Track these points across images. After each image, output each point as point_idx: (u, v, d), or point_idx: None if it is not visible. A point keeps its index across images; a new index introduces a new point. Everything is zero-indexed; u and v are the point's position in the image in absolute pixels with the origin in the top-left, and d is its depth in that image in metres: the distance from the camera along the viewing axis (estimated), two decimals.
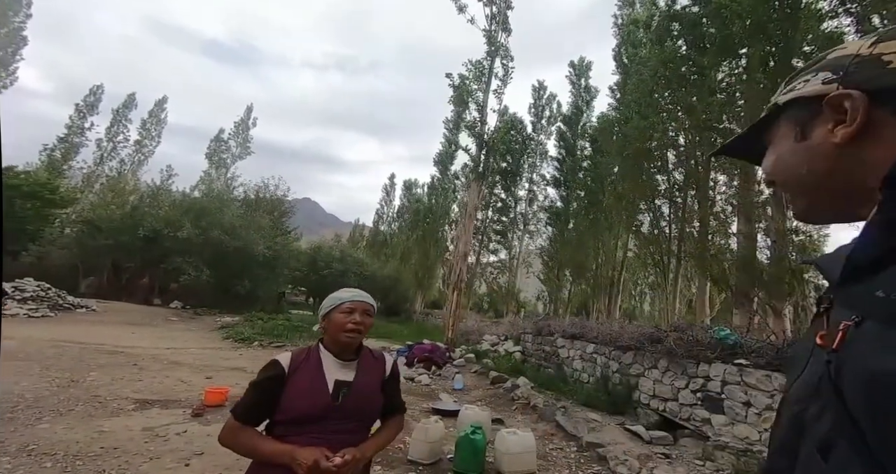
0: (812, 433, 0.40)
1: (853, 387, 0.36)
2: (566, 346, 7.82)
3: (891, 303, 0.35)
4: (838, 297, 0.43)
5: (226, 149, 33.67)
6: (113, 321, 10.70)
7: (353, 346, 1.38)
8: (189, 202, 19.55)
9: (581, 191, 18.97)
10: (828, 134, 0.44)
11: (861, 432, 0.34)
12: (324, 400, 1.26)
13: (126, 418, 4.13)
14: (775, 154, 0.50)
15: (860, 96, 0.41)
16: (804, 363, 0.46)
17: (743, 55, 8.89)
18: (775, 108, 0.50)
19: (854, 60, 0.43)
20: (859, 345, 0.36)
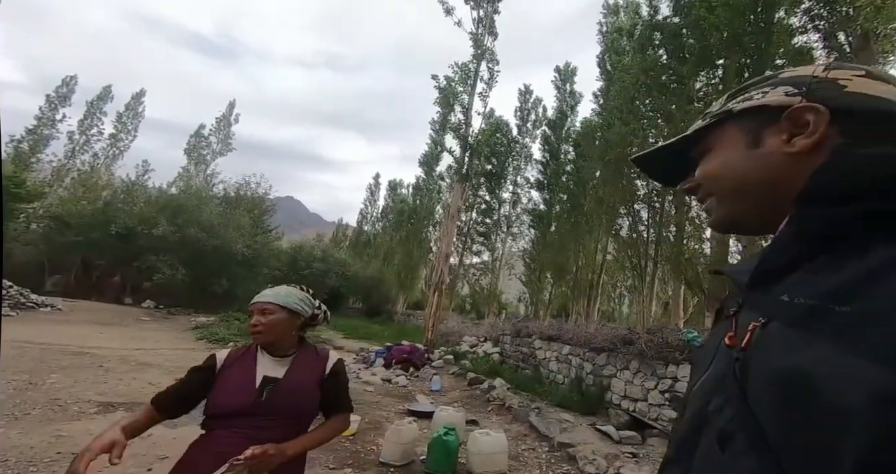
0: (713, 425, 0.42)
1: (756, 383, 0.38)
2: (543, 348, 7.90)
3: (793, 307, 0.38)
4: (747, 301, 0.46)
5: (206, 145, 32.89)
6: (80, 320, 10.30)
7: (267, 345, 1.37)
8: (165, 199, 19.02)
9: (564, 195, 19.22)
10: (782, 144, 0.46)
11: (758, 425, 0.37)
12: (248, 395, 1.27)
13: (87, 422, 3.99)
14: (721, 159, 0.51)
15: (825, 111, 0.44)
16: (709, 361, 0.49)
17: (720, 66, 9.18)
18: (726, 116, 0.51)
19: (814, 79, 0.46)
20: (764, 345, 0.39)
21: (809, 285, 0.38)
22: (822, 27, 7.83)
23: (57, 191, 24.02)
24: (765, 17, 7.98)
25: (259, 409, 1.26)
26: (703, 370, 0.50)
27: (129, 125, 31.13)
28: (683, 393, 0.62)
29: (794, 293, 0.39)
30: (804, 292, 0.38)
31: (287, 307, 1.40)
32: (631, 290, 18.23)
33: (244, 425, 1.23)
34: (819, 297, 0.36)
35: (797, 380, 0.34)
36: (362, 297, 27.27)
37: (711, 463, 0.41)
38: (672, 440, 0.51)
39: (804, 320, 0.36)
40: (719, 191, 0.52)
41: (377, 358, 9.17)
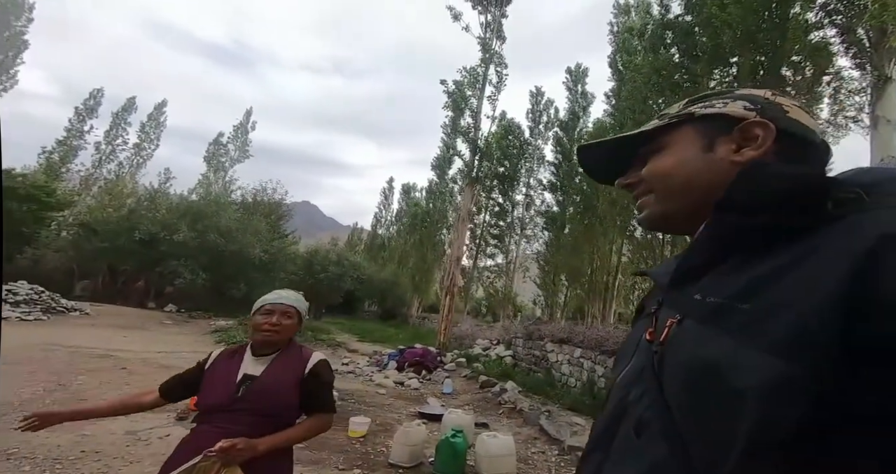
0: (631, 414, 0.46)
1: (670, 374, 0.42)
2: (555, 351, 7.86)
3: (704, 305, 0.42)
4: (666, 300, 0.50)
5: (224, 153, 33.73)
6: (105, 324, 10.71)
7: (270, 345, 1.44)
8: (186, 205, 19.61)
9: (577, 197, 19.03)
10: (730, 152, 0.50)
11: (670, 414, 0.40)
12: (226, 391, 1.35)
13: (110, 422, 4.14)
14: (675, 157, 0.54)
15: (773, 128, 0.48)
16: (630, 356, 0.53)
17: (734, 64, 9.00)
18: (688, 118, 0.54)
19: (765, 100, 0.50)
20: (678, 340, 0.43)
21: (718, 285, 0.42)
22: (840, 22, 7.61)
23: (85, 199, 24.99)
24: (779, 13, 7.80)
25: (235, 405, 1.32)
26: (625, 363, 0.54)
27: (152, 134, 32.20)
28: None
29: (705, 292, 0.43)
30: (714, 291, 0.42)
31: (301, 313, 1.50)
32: None
33: (222, 420, 1.30)
34: (725, 296, 0.40)
35: (704, 371, 0.38)
36: (377, 301, 27.49)
37: (628, 450, 0.45)
38: (594, 429, 0.54)
39: (713, 317, 0.40)
40: (665, 187, 0.54)
41: (390, 361, 9.26)
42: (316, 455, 3.88)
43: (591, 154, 0.65)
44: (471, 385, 8.00)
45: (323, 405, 1.48)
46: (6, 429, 3.63)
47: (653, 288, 0.62)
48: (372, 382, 7.70)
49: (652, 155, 0.56)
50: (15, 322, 10.01)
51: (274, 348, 1.45)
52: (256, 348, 1.43)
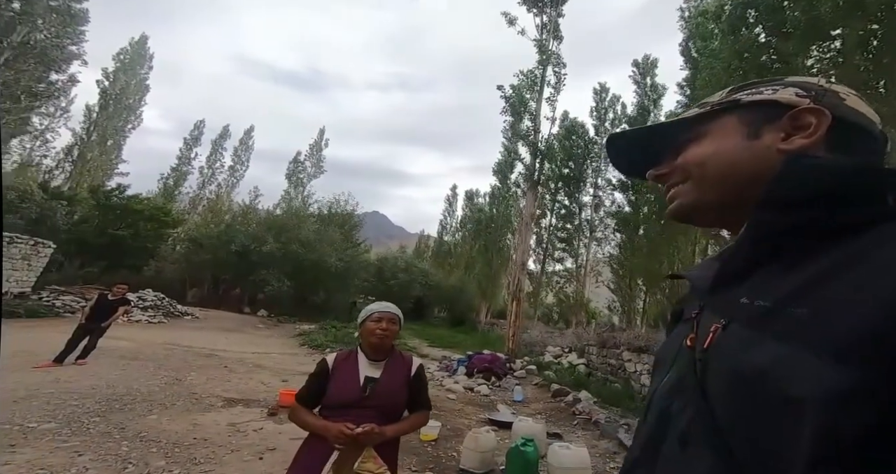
0: (675, 425, 0.44)
1: (716, 383, 0.40)
2: (633, 360, 7.37)
3: (752, 309, 0.40)
4: (708, 305, 0.48)
5: (302, 170, 36.71)
6: (211, 327, 12.20)
7: (383, 348, 1.67)
8: (272, 219, 21.68)
9: (651, 195, 17.75)
10: (778, 140, 0.47)
11: (716, 424, 0.38)
12: (355, 391, 1.59)
13: (215, 414, 4.72)
14: (717, 146, 0.51)
15: (829, 115, 0.45)
16: (669, 365, 0.51)
17: (836, 36, 7.85)
18: (732, 105, 0.51)
19: (820, 87, 0.48)
20: (724, 346, 0.41)
21: (768, 287, 0.40)
22: None
23: (193, 217, 28.77)
24: None
25: (363, 402, 1.57)
26: (664, 372, 0.51)
27: (243, 157, 36.16)
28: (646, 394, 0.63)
29: (752, 295, 0.40)
30: (763, 294, 0.39)
31: (401, 320, 1.75)
32: None
33: (351, 414, 1.54)
34: (775, 299, 0.38)
35: (755, 379, 0.35)
36: (446, 306, 27.89)
37: (673, 462, 0.43)
38: (636, 442, 0.52)
39: (762, 321, 0.38)
40: (701, 175, 0.52)
41: (459, 367, 9.34)
42: None
43: (621, 145, 0.62)
44: (542, 393, 7.78)
45: (425, 402, 1.75)
46: (139, 415, 4.32)
47: (689, 291, 0.58)
48: (442, 387, 7.83)
49: (690, 143, 0.53)
50: (144, 324, 11.80)
51: (385, 352, 1.69)
52: (371, 353, 1.67)
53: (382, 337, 1.64)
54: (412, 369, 1.72)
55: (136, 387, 5.28)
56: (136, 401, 4.74)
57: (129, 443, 3.55)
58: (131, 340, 8.55)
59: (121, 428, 3.84)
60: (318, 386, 1.62)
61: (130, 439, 3.64)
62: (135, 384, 5.42)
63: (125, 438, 3.64)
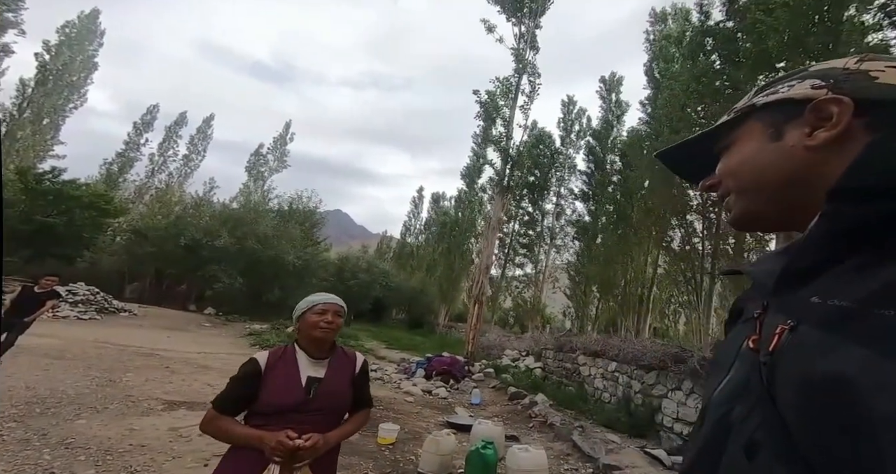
0: (738, 433, 0.40)
1: (786, 388, 0.36)
2: (587, 364, 7.61)
3: (827, 309, 0.36)
4: (773, 303, 0.44)
5: (264, 163, 35.23)
6: (151, 325, 11.34)
7: (326, 344, 1.51)
8: (227, 213, 20.58)
9: (610, 206, 18.58)
10: (803, 137, 0.44)
11: (788, 433, 0.35)
12: (297, 394, 1.40)
13: (155, 418, 4.37)
14: (742, 153, 0.50)
15: (849, 102, 0.42)
16: (728, 367, 0.47)
17: (780, 69, 8.61)
18: (750, 110, 0.50)
19: (843, 72, 0.45)
20: (794, 348, 0.37)
21: (844, 286, 0.36)
22: None
23: (138, 207, 26.75)
24: (831, 16, 7.42)
25: (306, 406, 1.39)
26: (722, 375, 0.48)
27: (200, 146, 34.16)
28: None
29: (826, 294, 0.37)
30: (838, 294, 0.36)
31: (345, 312, 1.59)
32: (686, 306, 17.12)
33: (292, 420, 1.36)
34: (857, 300, 0.34)
35: (835, 386, 0.32)
36: (405, 308, 27.66)
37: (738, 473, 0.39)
38: (692, 449, 0.48)
39: (840, 323, 0.34)
40: (737, 185, 0.50)
41: (418, 369, 9.26)
42: (346, 460, 3.91)
43: (674, 157, 0.62)
44: (499, 396, 7.86)
45: (368, 400, 1.64)
46: (65, 420, 3.90)
47: (749, 288, 0.55)
48: (400, 390, 7.71)
49: (723, 153, 0.53)
50: (73, 320, 10.76)
51: (328, 349, 1.53)
52: (312, 350, 1.49)
53: (327, 331, 1.46)
54: (357, 366, 1.58)
55: (62, 389, 4.79)
56: (62, 405, 4.29)
57: (52, 451, 3.19)
58: (57, 337, 7.76)
59: (42, 435, 3.46)
60: (246, 391, 1.40)
61: (53, 446, 3.28)
62: (60, 385, 4.91)
63: (47, 446, 3.28)
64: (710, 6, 10.53)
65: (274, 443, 1.27)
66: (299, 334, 1.53)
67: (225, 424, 1.38)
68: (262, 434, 1.31)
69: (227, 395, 1.42)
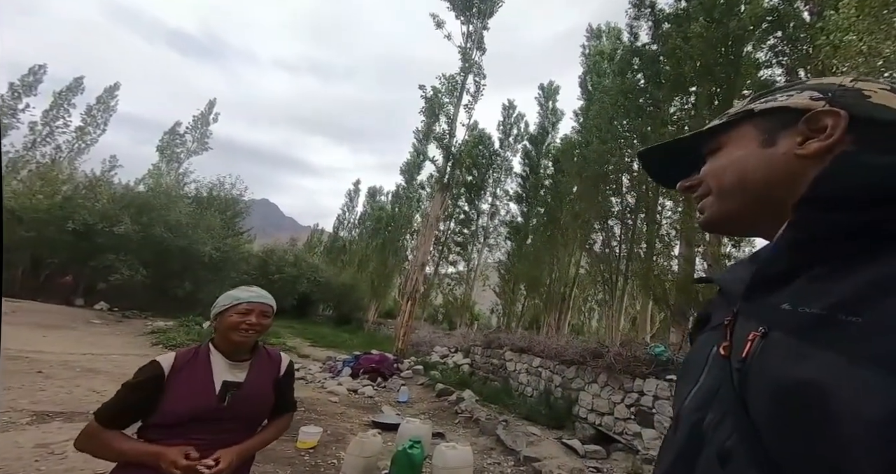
0: (712, 440, 0.41)
1: (758, 395, 0.37)
2: (514, 360, 7.87)
3: (797, 316, 0.37)
4: (743, 311, 0.45)
5: (181, 143, 31.73)
6: (21, 322, 9.55)
7: (246, 347, 1.33)
8: (131, 196, 18.12)
9: (541, 208, 19.51)
10: (794, 145, 0.45)
11: (759, 438, 0.35)
12: (209, 401, 1.22)
13: (17, 433, 3.65)
14: (732, 156, 0.51)
15: (845, 116, 0.43)
16: (698, 375, 0.48)
17: (693, 92, 9.61)
18: (747, 115, 0.51)
19: (840, 87, 0.46)
20: (766, 355, 0.38)
21: (814, 293, 0.37)
22: (785, 63, 8.34)
23: (10, 183, 22.56)
24: (734, 50, 8.44)
25: (221, 415, 1.22)
26: (692, 383, 0.48)
27: (99, 119, 29.75)
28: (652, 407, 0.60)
29: (796, 302, 0.38)
30: (808, 301, 0.37)
31: (273, 311, 1.39)
32: (601, 305, 18.56)
33: (201, 431, 1.18)
34: (827, 307, 0.35)
35: (807, 392, 0.32)
36: (333, 304, 26.65)
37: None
38: (667, 457, 0.48)
39: (811, 330, 0.35)
40: (720, 187, 0.52)
41: (344, 368, 8.91)
42: (260, 468, 3.58)
43: (655, 158, 0.63)
44: (427, 393, 7.83)
45: (292, 405, 1.51)
46: None
47: (716, 296, 0.57)
48: (324, 390, 7.34)
49: (711, 155, 0.54)
50: None
51: (247, 350, 1.36)
52: (231, 352, 1.31)
53: (248, 335, 1.28)
54: (281, 368, 1.42)
55: None
56: None
57: None
58: None
59: None
60: (143, 399, 1.18)
61: None
62: None
63: None
64: (638, 29, 11.44)
65: (170, 460, 1.09)
66: (216, 333, 1.32)
67: (109, 439, 1.14)
68: (161, 450, 1.11)
69: (115, 405, 1.18)
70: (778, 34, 8.17)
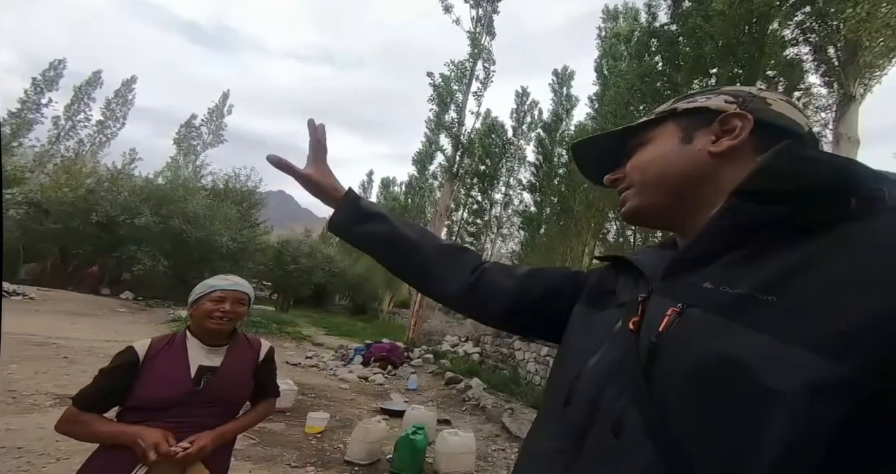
0: (607, 412, 0.42)
1: (672, 368, 0.38)
2: (522, 349, 7.86)
3: (719, 295, 0.39)
4: (658, 289, 0.47)
5: (197, 136, 32.36)
6: (51, 310, 10.00)
7: (221, 334, 1.35)
8: (151, 188, 18.60)
9: (555, 198, 19.24)
10: (708, 143, 0.50)
11: (659, 411, 0.36)
12: (183, 386, 1.25)
13: (41, 415, 3.83)
14: (654, 151, 0.54)
15: (751, 119, 0.48)
16: (597, 346, 0.49)
17: (713, 75, 9.22)
18: (671, 113, 0.55)
19: (749, 95, 0.51)
20: (684, 330, 0.39)
21: (734, 275, 0.39)
22: (813, 40, 7.90)
23: (38, 177, 23.41)
24: (759, 28, 8.03)
25: (195, 398, 1.25)
26: (590, 354, 0.49)
27: (118, 112, 30.59)
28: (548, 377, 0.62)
29: (718, 282, 0.40)
30: (730, 281, 0.39)
31: (250, 299, 1.43)
32: None
33: (177, 415, 1.21)
34: (748, 287, 0.37)
35: (725, 366, 0.34)
36: (349, 295, 27.04)
37: (605, 452, 0.41)
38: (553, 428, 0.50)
39: (731, 308, 0.37)
40: (641, 180, 0.55)
41: (356, 356, 9.05)
42: (268, 451, 3.69)
43: (585, 151, 0.65)
44: (436, 381, 7.90)
45: (273, 390, 1.53)
46: None
47: (621, 274, 0.59)
48: (335, 377, 7.48)
49: (637, 150, 0.57)
50: None
51: (224, 336, 1.38)
52: (206, 338, 1.34)
53: (222, 323, 1.31)
54: (261, 354, 1.45)
55: None
56: None
57: None
58: None
59: None
60: (118, 384, 1.21)
61: None
62: None
63: None
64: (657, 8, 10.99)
65: (151, 443, 1.10)
66: (191, 321, 1.36)
67: (87, 421, 1.18)
68: (138, 431, 1.13)
69: (92, 390, 1.22)
70: (806, 9, 7.72)
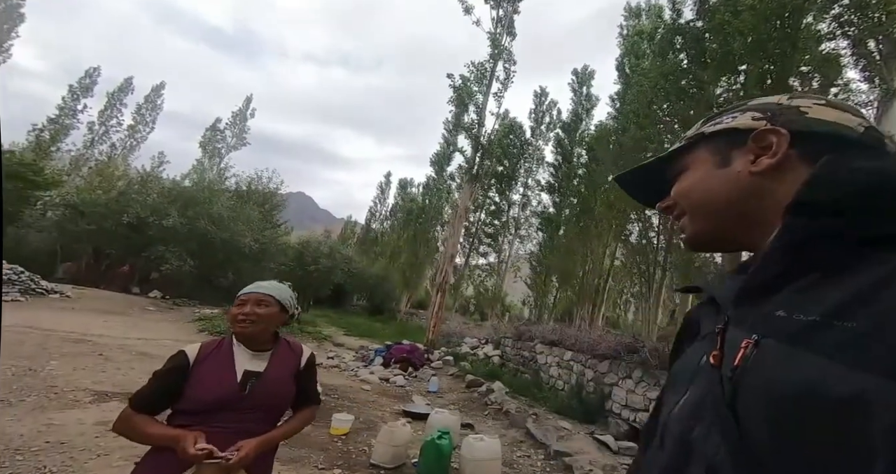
0: (700, 454, 0.40)
1: (752, 402, 0.36)
2: (545, 352, 7.77)
3: (792, 323, 0.37)
4: (735, 318, 0.44)
5: (221, 139, 33.23)
6: (86, 308, 10.42)
7: (253, 338, 1.37)
8: (178, 190, 19.21)
9: (574, 199, 18.97)
10: (747, 163, 0.48)
11: (749, 450, 0.35)
12: (230, 390, 1.27)
13: (80, 411, 3.98)
14: (693, 177, 0.53)
15: (786, 133, 0.46)
16: (686, 385, 0.47)
17: (742, 72, 8.91)
18: (699, 138, 0.54)
19: (778, 106, 0.49)
20: (761, 362, 0.37)
21: (807, 300, 0.37)
22: (852, 34, 7.54)
23: (74, 179, 24.45)
24: (792, 22, 7.71)
25: (241, 403, 1.27)
26: (680, 393, 0.47)
27: (148, 117, 31.67)
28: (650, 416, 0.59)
29: (791, 308, 0.38)
30: (802, 308, 0.37)
31: (281, 302, 1.43)
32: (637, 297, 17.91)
33: (223, 419, 1.24)
34: (821, 313, 0.35)
35: (805, 398, 0.32)
36: (367, 295, 27.28)
37: None
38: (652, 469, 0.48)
39: (806, 336, 0.35)
40: (690, 208, 0.54)
41: (376, 357, 9.12)
42: (295, 452, 3.74)
43: (631, 183, 0.65)
44: (457, 384, 7.88)
45: (315, 397, 1.54)
46: None
47: (701, 304, 0.57)
48: (357, 378, 7.55)
49: (676, 177, 0.56)
50: None
51: (266, 341, 1.40)
52: (247, 343, 1.37)
53: (244, 324, 1.33)
54: (302, 360, 1.46)
55: None
56: None
57: None
58: None
59: None
60: (171, 386, 1.25)
61: None
62: None
63: None
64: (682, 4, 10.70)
65: (180, 449, 1.12)
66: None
67: (142, 424, 1.21)
68: (177, 433, 1.16)
69: (146, 392, 1.26)
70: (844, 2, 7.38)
